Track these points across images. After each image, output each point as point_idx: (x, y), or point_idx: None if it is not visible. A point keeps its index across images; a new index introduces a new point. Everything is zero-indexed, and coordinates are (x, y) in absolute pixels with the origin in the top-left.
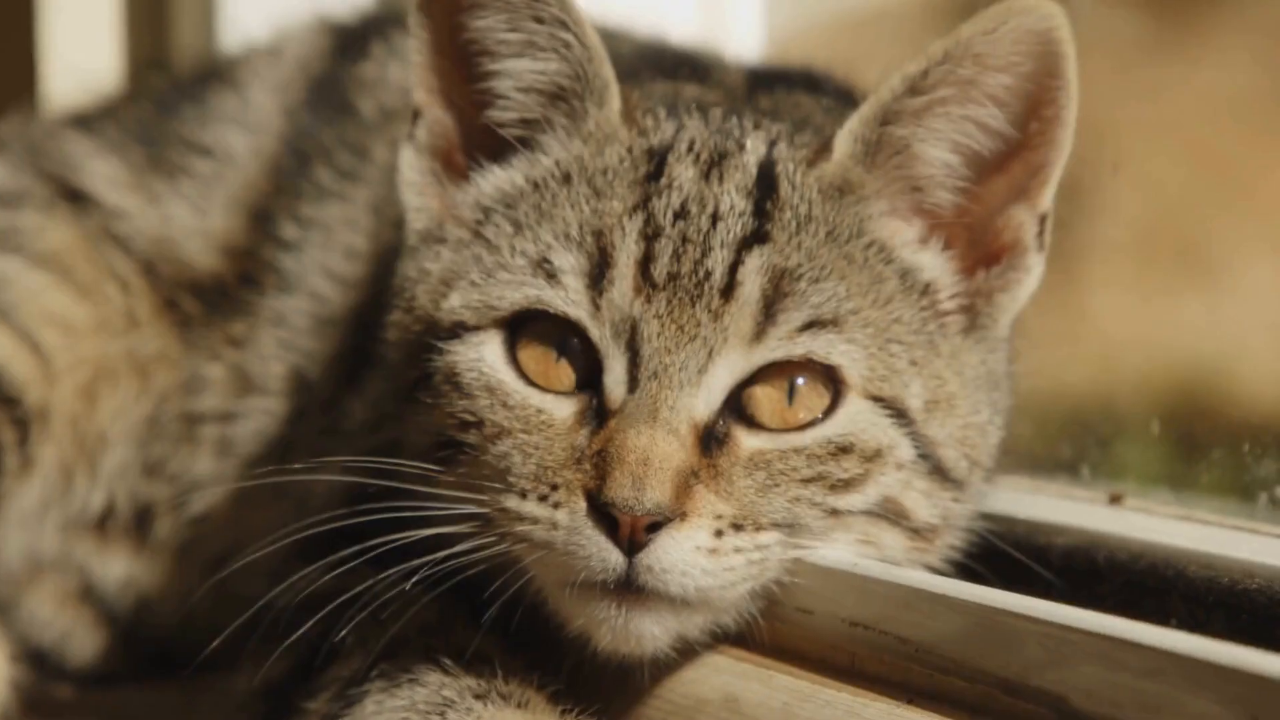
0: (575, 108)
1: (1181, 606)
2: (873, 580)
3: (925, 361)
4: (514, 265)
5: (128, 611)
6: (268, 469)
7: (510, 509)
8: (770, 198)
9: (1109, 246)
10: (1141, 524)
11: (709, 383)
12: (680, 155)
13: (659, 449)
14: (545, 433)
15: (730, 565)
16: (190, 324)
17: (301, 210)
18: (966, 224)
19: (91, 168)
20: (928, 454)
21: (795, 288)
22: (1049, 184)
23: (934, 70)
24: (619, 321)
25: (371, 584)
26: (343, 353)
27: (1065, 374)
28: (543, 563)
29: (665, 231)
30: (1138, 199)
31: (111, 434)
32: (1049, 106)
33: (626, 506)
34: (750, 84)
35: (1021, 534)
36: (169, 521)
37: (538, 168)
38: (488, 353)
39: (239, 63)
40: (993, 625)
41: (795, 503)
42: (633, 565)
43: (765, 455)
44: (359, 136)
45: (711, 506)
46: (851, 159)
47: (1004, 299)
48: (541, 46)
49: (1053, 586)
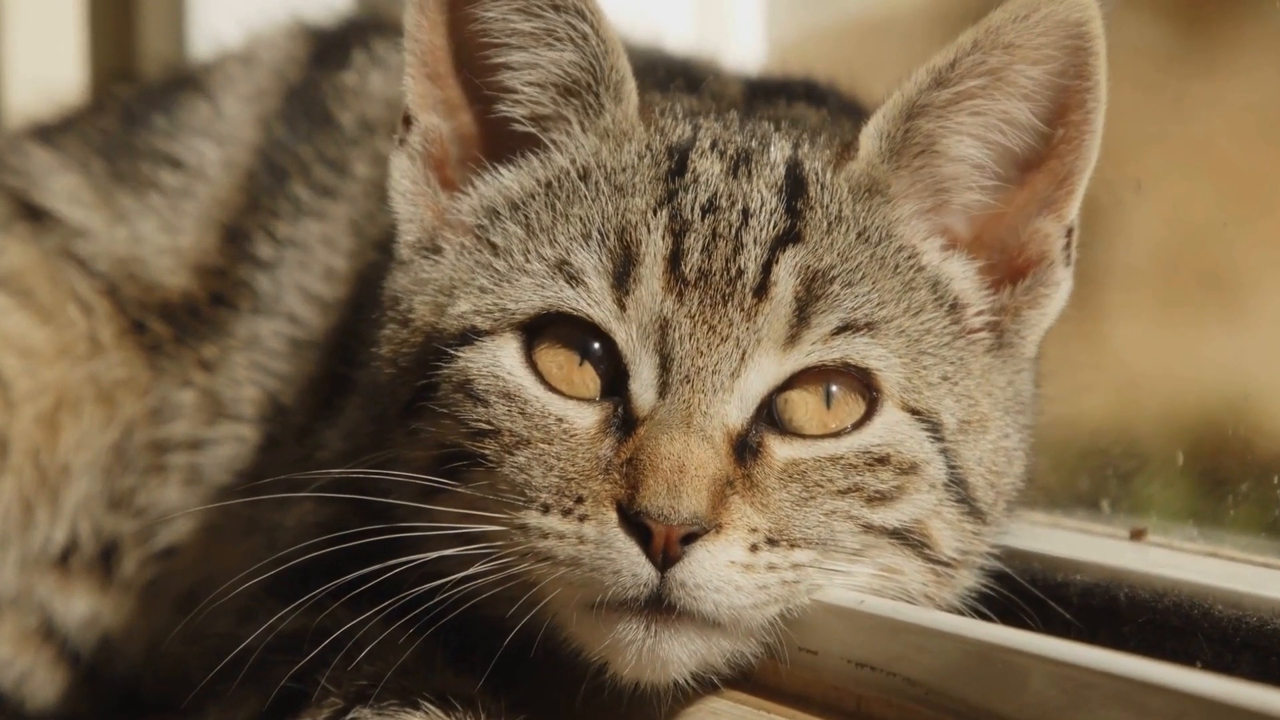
0: (590, 103)
1: (1207, 648)
2: (880, 619)
3: (956, 378)
4: (530, 268)
5: (91, 651)
6: (240, 498)
7: (531, 525)
8: (800, 197)
9: (1130, 270)
10: (1165, 560)
11: (742, 388)
12: (704, 151)
13: (695, 456)
14: (568, 442)
15: (764, 583)
16: (159, 348)
17: (278, 228)
18: (994, 234)
19: (52, 183)
20: (959, 479)
21: (829, 290)
22: (1076, 194)
23: (962, 60)
24: (648, 322)
25: (349, 625)
26: (320, 378)
27: (1084, 403)
28: (565, 581)
29: (694, 226)
30: (1160, 221)
31: (75, 465)
32: (1077, 111)
33: (662, 515)
34: (749, 95)
35: (1038, 570)
36: (135, 557)
37: (550, 167)
38: (504, 357)
39: (210, 70)
40: (1008, 667)
41: (831, 516)
42: (664, 581)
43: (800, 465)
44: (339, 150)
45: (747, 519)
46: (878, 157)
47: (1032, 315)
48: (558, 36)
49: (1071, 626)
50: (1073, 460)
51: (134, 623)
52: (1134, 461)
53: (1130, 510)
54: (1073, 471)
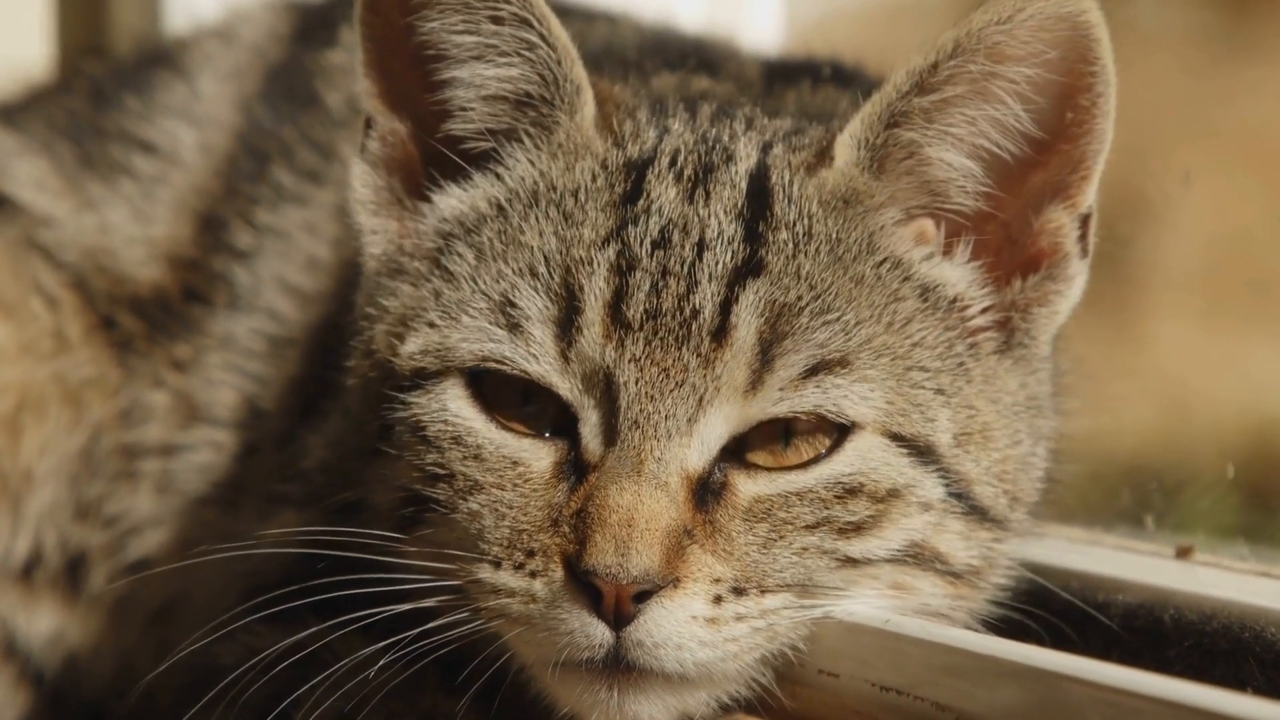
0: (544, 116)
1: (1258, 672)
2: (906, 639)
3: (954, 389)
4: (475, 305)
5: (56, 671)
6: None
7: (484, 580)
8: (764, 216)
9: (1176, 270)
10: (1213, 580)
11: (702, 432)
12: (661, 172)
13: (645, 507)
14: (521, 489)
15: (733, 635)
16: (129, 345)
17: (257, 215)
18: (999, 224)
19: (14, 169)
20: (961, 492)
21: (796, 324)
22: (1090, 180)
23: (944, 65)
24: (590, 373)
25: (333, 644)
26: (301, 379)
27: (1126, 412)
28: (522, 640)
29: (641, 263)
30: (1208, 217)
31: (39, 471)
32: (1084, 94)
33: (609, 574)
34: (768, 77)
35: (1076, 590)
36: (104, 570)
37: (501, 187)
38: (451, 401)
39: (186, 47)
40: (1046, 691)
41: (803, 554)
42: (620, 640)
43: (765, 503)
44: (324, 133)
45: (708, 569)
46: (856, 166)
47: (1043, 313)
48: (502, 50)
49: (1112, 647)
50: (1114, 473)
51: (102, 641)
52: (1180, 475)
53: (1176, 527)
54: (1114, 485)
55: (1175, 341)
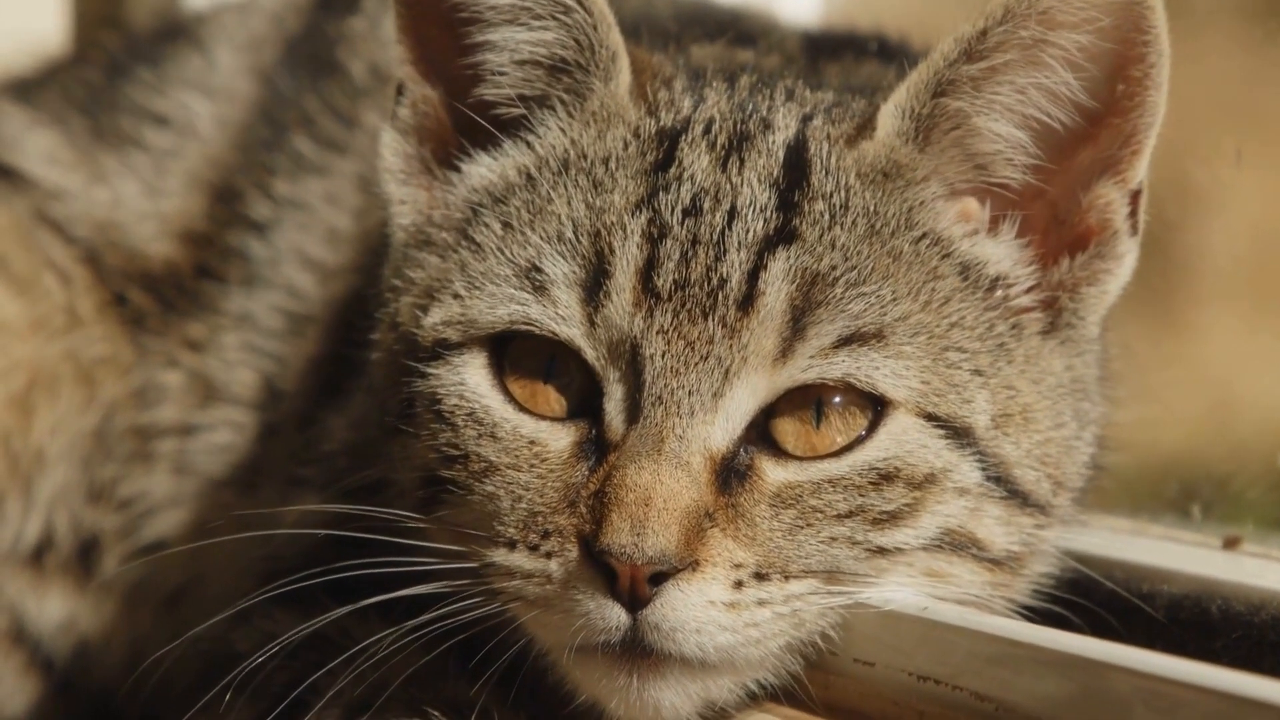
0: (578, 83)
1: None
2: (945, 627)
3: (993, 370)
4: (500, 274)
5: (66, 658)
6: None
7: (498, 563)
8: (799, 186)
9: (1225, 256)
10: (1262, 571)
11: (727, 408)
12: (694, 139)
13: (663, 486)
14: (538, 469)
15: (754, 620)
16: (142, 323)
17: (276, 186)
18: (1046, 202)
19: (27, 142)
20: (1000, 476)
21: (829, 294)
22: (1141, 155)
23: (993, 31)
24: (617, 341)
25: (352, 629)
26: (322, 358)
27: (1174, 400)
28: (539, 622)
29: (672, 232)
30: (1260, 200)
31: (50, 451)
32: (1136, 65)
33: (624, 554)
34: (809, 50)
35: (1120, 580)
36: (117, 553)
37: (531, 155)
38: (470, 375)
39: (204, 20)
40: (1090, 681)
41: (831, 543)
42: (637, 623)
43: (795, 489)
44: (347, 101)
45: (729, 554)
46: (899, 137)
47: (1091, 292)
48: (537, 14)
49: (1157, 639)
50: (1160, 463)
51: (114, 627)
52: (1228, 465)
53: (1223, 517)
54: (1160, 475)
55: (1223, 330)
